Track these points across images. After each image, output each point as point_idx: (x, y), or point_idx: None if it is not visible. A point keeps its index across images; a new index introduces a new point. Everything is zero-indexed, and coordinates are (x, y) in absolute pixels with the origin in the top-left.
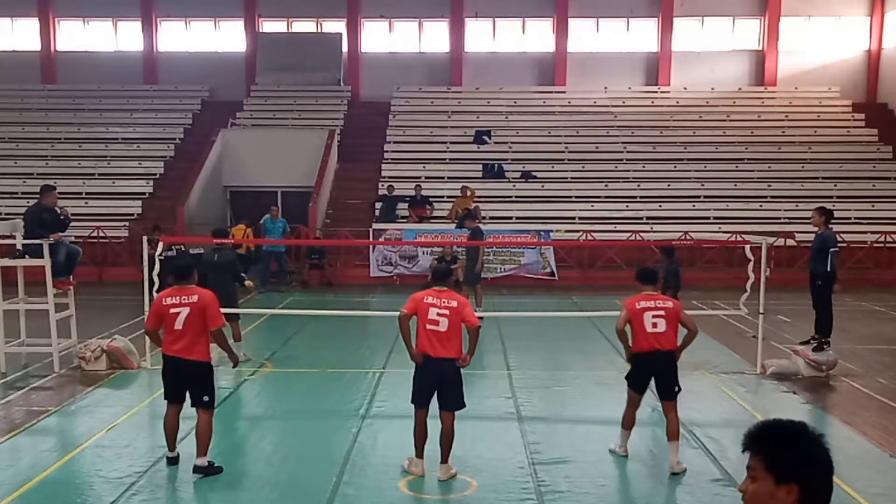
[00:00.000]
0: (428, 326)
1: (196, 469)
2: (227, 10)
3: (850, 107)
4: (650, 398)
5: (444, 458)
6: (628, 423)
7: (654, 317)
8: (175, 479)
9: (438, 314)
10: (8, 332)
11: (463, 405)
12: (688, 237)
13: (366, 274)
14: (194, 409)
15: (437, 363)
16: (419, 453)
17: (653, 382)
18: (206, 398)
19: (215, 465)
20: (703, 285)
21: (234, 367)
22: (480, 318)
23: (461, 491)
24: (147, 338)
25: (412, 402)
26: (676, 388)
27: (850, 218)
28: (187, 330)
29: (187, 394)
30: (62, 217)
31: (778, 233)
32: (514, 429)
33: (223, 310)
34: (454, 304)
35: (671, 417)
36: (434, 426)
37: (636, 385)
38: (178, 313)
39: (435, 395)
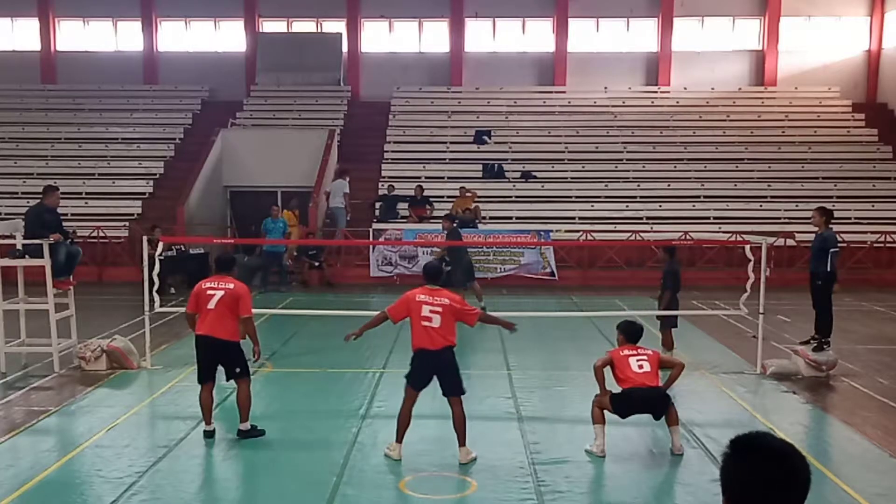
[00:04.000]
0: (423, 323)
1: (240, 433)
2: (227, 10)
3: (850, 107)
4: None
5: (462, 442)
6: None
7: (638, 361)
8: (175, 479)
9: (431, 311)
10: (8, 332)
11: (463, 391)
12: (688, 237)
13: (366, 274)
14: (232, 381)
15: (436, 354)
16: (399, 438)
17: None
18: (238, 369)
19: (258, 427)
20: (703, 285)
21: (255, 359)
22: (483, 307)
23: (461, 491)
24: (146, 337)
25: (408, 381)
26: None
27: (850, 218)
28: (218, 311)
29: (218, 371)
30: (69, 239)
31: (778, 233)
32: (514, 429)
33: None
34: (446, 301)
35: (670, 411)
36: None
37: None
38: (212, 295)
39: (435, 382)
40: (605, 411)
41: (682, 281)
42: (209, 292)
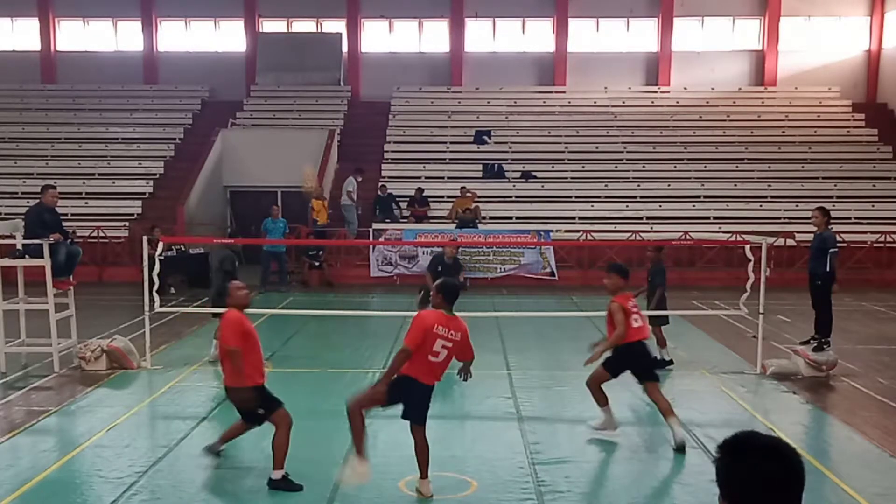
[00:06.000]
0: (429, 358)
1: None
2: (227, 10)
3: (850, 107)
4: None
5: (424, 472)
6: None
7: (635, 316)
8: (175, 479)
9: (443, 346)
10: (8, 332)
11: (422, 421)
12: (688, 237)
13: (366, 274)
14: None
15: (424, 389)
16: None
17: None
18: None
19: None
20: (703, 285)
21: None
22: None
23: (461, 491)
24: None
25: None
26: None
27: (850, 218)
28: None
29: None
30: (69, 239)
31: (778, 233)
32: (514, 429)
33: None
34: (458, 336)
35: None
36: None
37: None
38: None
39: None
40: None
41: (669, 280)
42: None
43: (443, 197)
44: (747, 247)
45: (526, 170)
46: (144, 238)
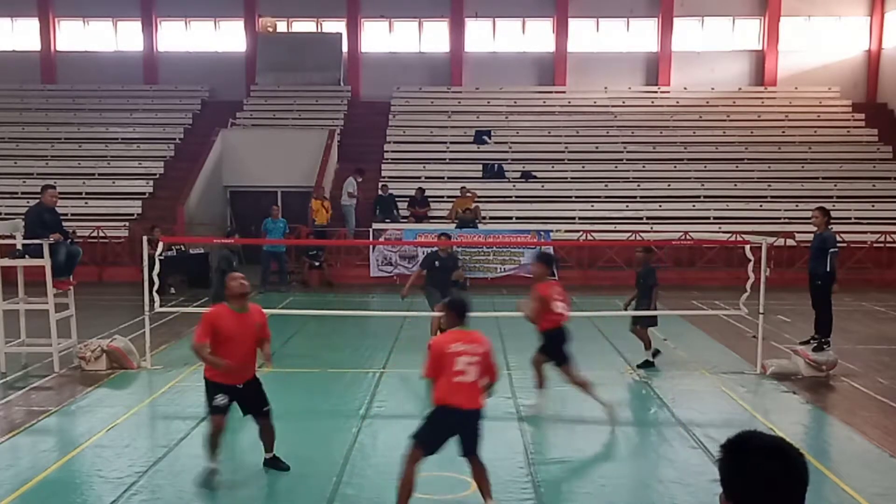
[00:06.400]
0: (455, 379)
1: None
2: (227, 10)
3: (850, 107)
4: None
5: (488, 494)
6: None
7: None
8: (175, 479)
9: (468, 364)
10: (8, 332)
11: (479, 452)
12: (688, 237)
13: (366, 274)
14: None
15: (465, 415)
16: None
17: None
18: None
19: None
20: (703, 285)
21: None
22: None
23: (461, 491)
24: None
25: (416, 441)
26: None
27: (850, 218)
28: None
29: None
30: (69, 239)
31: (778, 233)
32: (514, 429)
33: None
34: (482, 349)
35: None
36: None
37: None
38: None
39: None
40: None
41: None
42: None
43: (443, 197)
44: (747, 247)
45: (526, 170)
46: (144, 238)
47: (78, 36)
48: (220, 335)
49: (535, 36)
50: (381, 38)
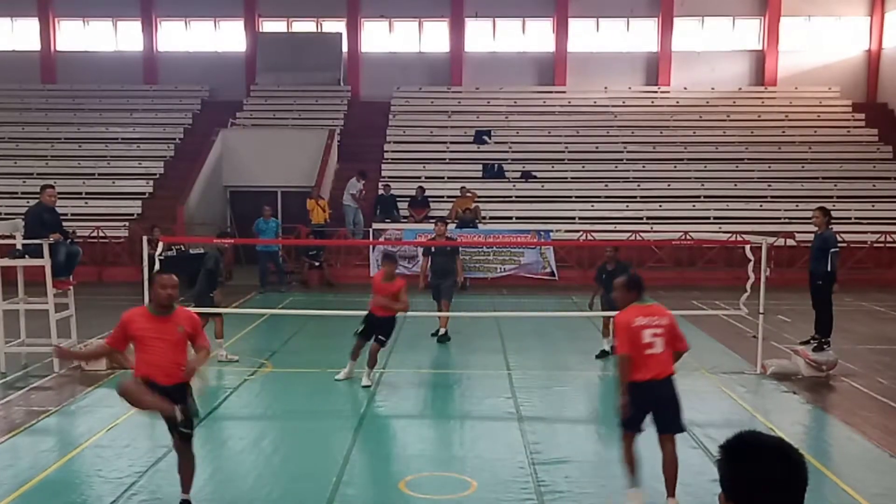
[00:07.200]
0: (645, 352)
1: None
2: (227, 10)
3: (850, 107)
4: None
5: (672, 491)
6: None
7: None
8: (175, 479)
9: (653, 335)
10: (8, 332)
11: (683, 427)
12: (688, 237)
13: (366, 274)
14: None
15: (660, 384)
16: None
17: None
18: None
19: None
20: (703, 285)
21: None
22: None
23: (461, 491)
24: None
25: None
26: None
27: (850, 218)
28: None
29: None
30: (69, 239)
31: (778, 233)
32: (514, 429)
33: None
34: (666, 321)
35: None
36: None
37: None
38: None
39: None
40: None
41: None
42: None
43: (443, 197)
44: (747, 247)
45: (526, 170)
46: (144, 238)
47: (78, 36)
48: (134, 337)
49: (535, 36)
50: (381, 38)
